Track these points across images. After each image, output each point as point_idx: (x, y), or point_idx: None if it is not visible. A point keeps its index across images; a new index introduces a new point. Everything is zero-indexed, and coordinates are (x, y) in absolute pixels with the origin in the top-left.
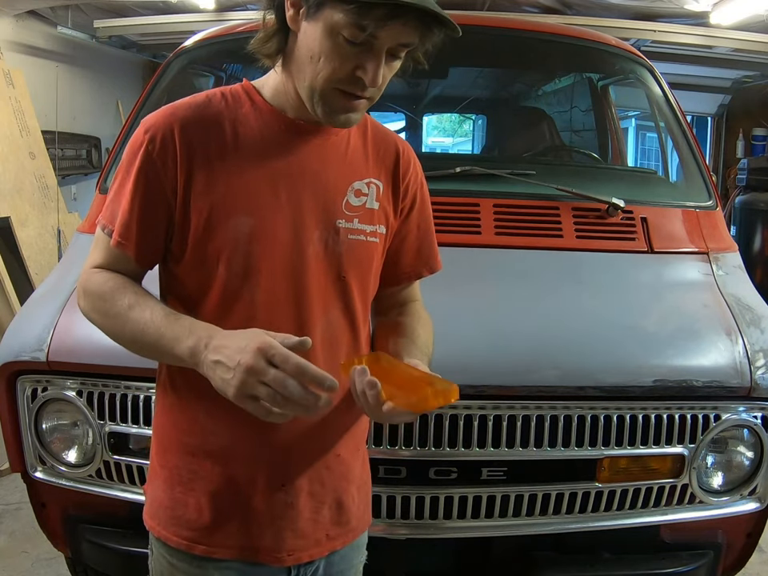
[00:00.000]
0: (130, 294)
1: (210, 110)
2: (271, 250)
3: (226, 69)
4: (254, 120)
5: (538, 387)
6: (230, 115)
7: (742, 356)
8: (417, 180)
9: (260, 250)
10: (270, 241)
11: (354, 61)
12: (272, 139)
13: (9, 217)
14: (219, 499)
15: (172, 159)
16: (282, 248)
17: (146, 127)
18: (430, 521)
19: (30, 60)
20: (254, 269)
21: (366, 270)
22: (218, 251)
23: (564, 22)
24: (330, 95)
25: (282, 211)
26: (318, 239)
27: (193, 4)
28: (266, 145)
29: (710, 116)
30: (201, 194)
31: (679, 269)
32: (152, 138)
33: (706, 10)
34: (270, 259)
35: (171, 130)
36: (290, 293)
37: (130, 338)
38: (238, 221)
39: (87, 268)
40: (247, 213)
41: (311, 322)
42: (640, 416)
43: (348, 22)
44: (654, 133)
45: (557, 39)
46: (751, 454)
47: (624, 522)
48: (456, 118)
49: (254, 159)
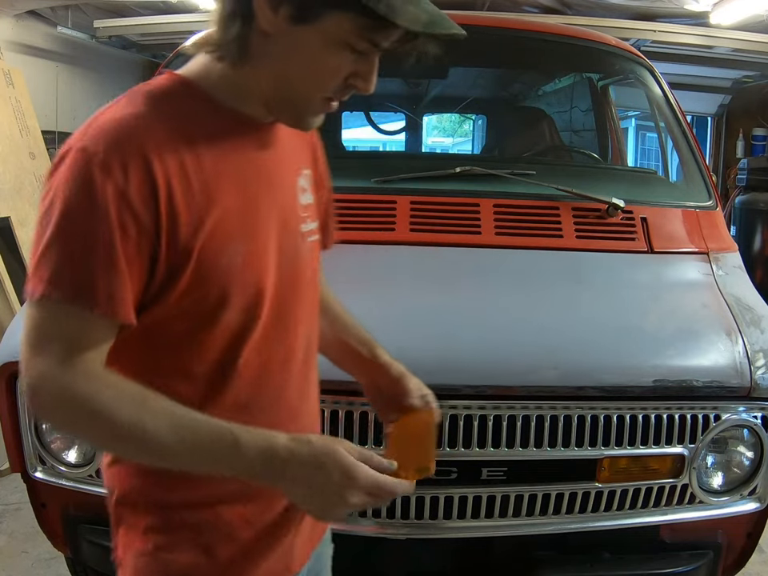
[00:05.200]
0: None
1: (170, 121)
2: (268, 274)
3: None
4: (213, 124)
5: (538, 387)
6: (189, 123)
7: (742, 356)
8: (322, 152)
9: (260, 278)
10: (265, 265)
11: (350, 68)
12: (236, 145)
13: (9, 217)
14: (246, 535)
15: (151, 195)
16: (277, 269)
17: (102, 154)
18: (429, 521)
19: (30, 60)
20: (256, 302)
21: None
22: (218, 290)
23: (564, 21)
24: (315, 104)
25: (266, 227)
26: (297, 251)
27: (193, 4)
28: (235, 153)
29: (710, 116)
30: (189, 231)
31: (679, 269)
32: (121, 166)
33: (705, 10)
34: (269, 285)
35: (143, 155)
36: (283, 314)
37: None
38: (234, 250)
39: (58, 366)
40: (242, 240)
41: (298, 337)
42: (640, 416)
43: (362, 36)
44: (654, 133)
45: (557, 39)
46: (751, 454)
47: (624, 521)
48: (456, 118)
49: (230, 174)
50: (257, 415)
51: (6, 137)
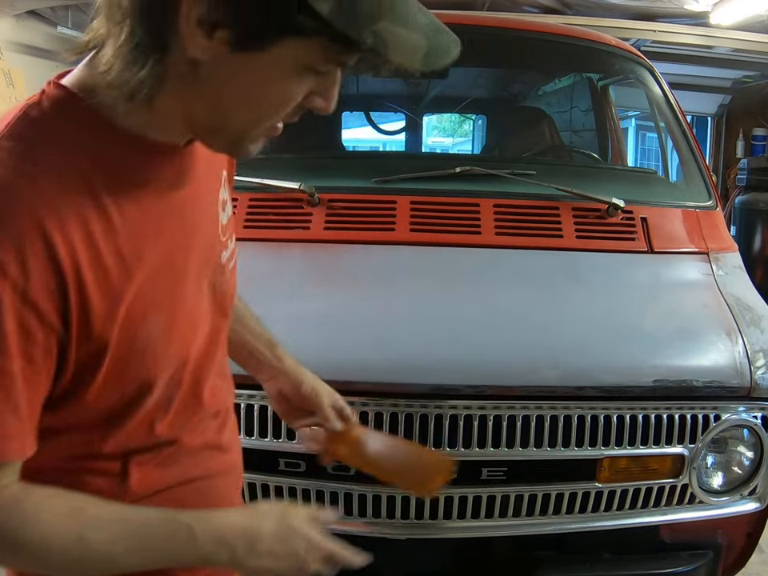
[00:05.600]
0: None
1: (64, 165)
2: (194, 335)
3: None
4: (117, 159)
5: (538, 387)
6: (87, 163)
7: (742, 356)
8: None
9: (184, 345)
10: (190, 327)
11: (308, 89)
12: (146, 183)
13: None
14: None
15: (58, 287)
16: (201, 324)
17: None
18: (429, 521)
19: (30, 60)
20: (179, 372)
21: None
22: (140, 375)
23: (564, 21)
24: (259, 132)
25: (184, 281)
26: (220, 290)
27: None
28: (147, 197)
29: (710, 116)
30: (103, 317)
31: (679, 269)
32: (15, 256)
33: (705, 10)
34: (194, 347)
35: (41, 232)
36: (202, 368)
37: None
38: (154, 322)
39: None
40: (163, 308)
41: (208, 370)
42: (640, 416)
43: (329, 59)
44: (654, 133)
45: (557, 39)
46: (751, 454)
47: (624, 521)
48: (456, 118)
49: (144, 228)
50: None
51: None
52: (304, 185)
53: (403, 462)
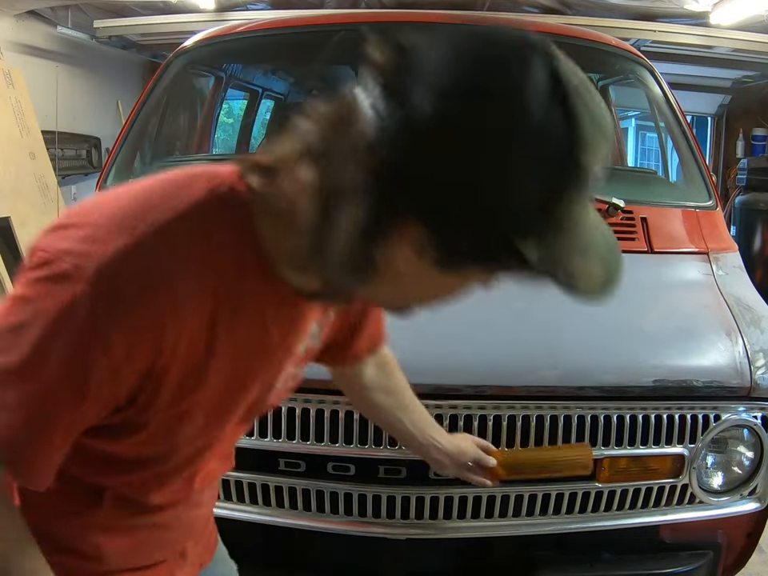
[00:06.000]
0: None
1: (211, 270)
2: (228, 422)
3: (225, 69)
4: (256, 278)
5: (538, 387)
6: (228, 279)
7: (742, 356)
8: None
9: (217, 431)
10: (226, 421)
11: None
12: (260, 311)
13: (9, 217)
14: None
15: (147, 370)
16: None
17: (106, 323)
18: (429, 521)
19: (30, 60)
20: (204, 447)
21: None
22: (167, 447)
23: (564, 21)
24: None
25: (240, 395)
26: (252, 402)
27: (193, 4)
28: (253, 320)
29: (710, 116)
30: (161, 404)
31: (679, 269)
32: (126, 345)
33: (705, 10)
34: (209, 441)
35: (159, 327)
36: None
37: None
38: (194, 421)
39: None
40: (208, 413)
41: (212, 456)
42: (640, 416)
43: (507, 275)
44: (654, 133)
45: (557, 39)
46: (751, 454)
47: (624, 522)
48: None
49: (237, 347)
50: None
51: (6, 137)
52: None
53: (550, 454)
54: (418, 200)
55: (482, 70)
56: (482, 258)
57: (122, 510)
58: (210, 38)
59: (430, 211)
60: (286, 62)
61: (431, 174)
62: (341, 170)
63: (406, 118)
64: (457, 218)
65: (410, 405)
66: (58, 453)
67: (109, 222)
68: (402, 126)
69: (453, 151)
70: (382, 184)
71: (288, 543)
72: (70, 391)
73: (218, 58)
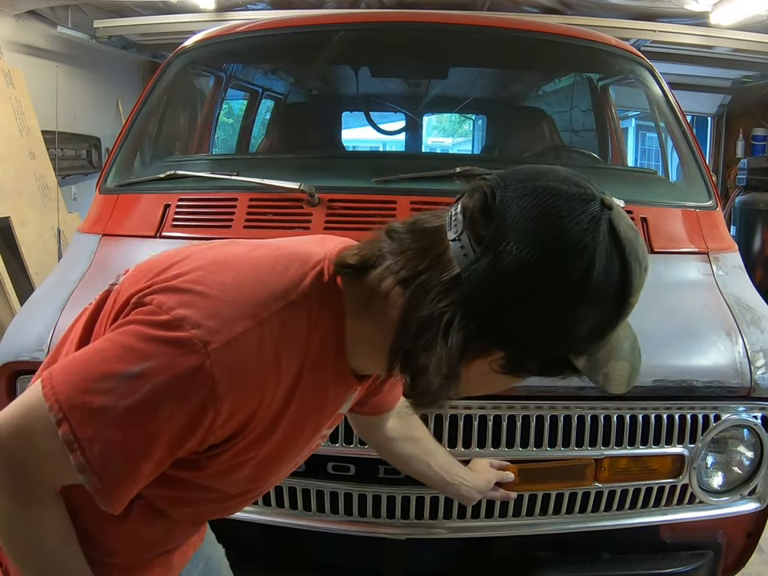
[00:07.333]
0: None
1: (301, 351)
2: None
3: (226, 69)
4: (324, 371)
5: (538, 387)
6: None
7: (742, 356)
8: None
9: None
10: (271, 474)
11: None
12: (325, 390)
13: (9, 217)
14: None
15: (228, 425)
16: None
17: (220, 388)
18: (429, 521)
19: (30, 60)
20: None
21: None
22: (216, 492)
23: (564, 21)
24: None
25: (283, 457)
26: (301, 454)
27: (193, 4)
28: (320, 393)
29: (710, 116)
30: (223, 464)
31: (679, 269)
32: (230, 407)
33: (705, 10)
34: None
35: (259, 397)
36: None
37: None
38: (246, 470)
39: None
40: (258, 466)
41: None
42: (640, 416)
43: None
44: (654, 133)
45: (557, 39)
46: (751, 454)
47: (624, 522)
48: (456, 118)
49: (298, 415)
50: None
51: (6, 137)
52: (304, 185)
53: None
54: (505, 336)
55: (559, 229)
56: (543, 372)
57: (147, 517)
58: (210, 38)
59: (513, 343)
60: (286, 62)
61: (517, 317)
62: (432, 301)
63: (492, 265)
64: (534, 349)
65: (433, 449)
66: (141, 485)
67: (233, 301)
68: (490, 271)
69: (537, 297)
70: (471, 320)
71: (288, 543)
72: (170, 443)
73: (218, 58)
